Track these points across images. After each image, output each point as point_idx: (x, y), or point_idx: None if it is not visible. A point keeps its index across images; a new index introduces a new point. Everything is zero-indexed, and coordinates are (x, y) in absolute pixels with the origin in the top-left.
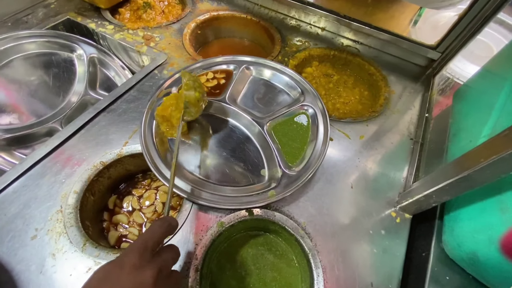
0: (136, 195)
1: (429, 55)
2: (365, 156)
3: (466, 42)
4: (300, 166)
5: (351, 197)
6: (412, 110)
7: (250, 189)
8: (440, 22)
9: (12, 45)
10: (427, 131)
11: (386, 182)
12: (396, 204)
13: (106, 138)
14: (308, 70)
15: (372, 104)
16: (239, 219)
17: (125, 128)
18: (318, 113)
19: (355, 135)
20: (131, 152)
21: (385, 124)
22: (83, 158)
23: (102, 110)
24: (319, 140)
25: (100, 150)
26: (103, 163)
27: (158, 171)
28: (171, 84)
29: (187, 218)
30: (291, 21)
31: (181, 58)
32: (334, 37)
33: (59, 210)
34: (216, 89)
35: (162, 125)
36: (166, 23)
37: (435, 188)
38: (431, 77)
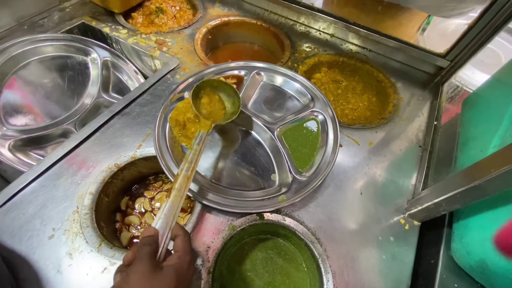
0: (148, 197)
1: (438, 63)
2: (374, 163)
3: (475, 51)
4: (310, 172)
5: (360, 203)
6: (420, 118)
7: (261, 194)
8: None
9: (29, 47)
10: (435, 139)
11: (395, 189)
12: (405, 211)
13: (120, 141)
14: (317, 76)
15: (380, 111)
16: (250, 222)
17: (138, 131)
18: (328, 119)
19: (364, 142)
20: (145, 155)
21: (394, 131)
22: (98, 160)
23: (117, 113)
24: (329, 146)
25: (114, 153)
26: (117, 165)
27: (171, 174)
28: (183, 88)
29: (199, 220)
30: (301, 27)
31: (193, 63)
32: (343, 44)
33: (75, 210)
34: None
35: (175, 129)
36: (178, 28)
37: (445, 196)
38: (440, 85)
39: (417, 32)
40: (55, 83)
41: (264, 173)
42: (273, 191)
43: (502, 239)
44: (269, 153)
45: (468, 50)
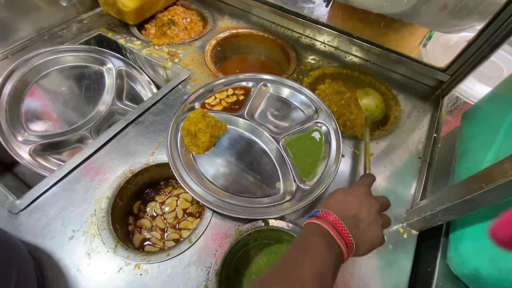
0: (159, 201)
1: (439, 77)
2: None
3: (475, 66)
4: (313, 181)
5: None
6: (421, 130)
7: (267, 201)
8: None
9: (51, 58)
10: (435, 151)
11: (395, 199)
12: (403, 220)
13: (135, 148)
14: (321, 87)
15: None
16: (256, 228)
17: (152, 139)
18: (331, 130)
19: None
20: (157, 162)
21: (394, 142)
22: (114, 166)
23: (131, 122)
24: (332, 157)
25: (129, 159)
26: (132, 172)
27: (182, 180)
28: (194, 99)
29: (208, 225)
30: (306, 39)
31: (203, 74)
32: (346, 56)
33: (93, 213)
34: (235, 105)
35: (186, 139)
36: (189, 40)
37: (441, 207)
38: (440, 98)
39: (420, 45)
40: (72, 91)
41: (269, 181)
42: (278, 199)
43: (497, 231)
44: (274, 162)
45: (468, 65)
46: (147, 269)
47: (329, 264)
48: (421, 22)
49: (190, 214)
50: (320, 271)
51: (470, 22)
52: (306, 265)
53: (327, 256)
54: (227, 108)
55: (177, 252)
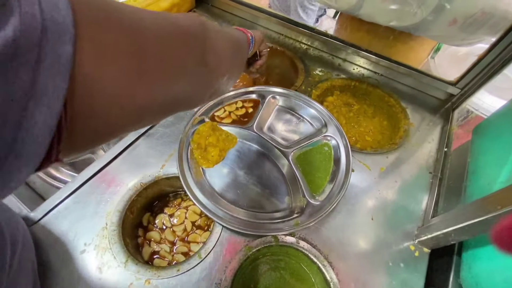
0: (168, 213)
1: (449, 90)
2: (385, 188)
3: (487, 80)
4: (323, 196)
5: (371, 228)
6: (431, 144)
7: (276, 216)
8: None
9: None
10: (446, 166)
11: (405, 215)
12: (415, 237)
13: (145, 161)
14: (329, 99)
15: (391, 135)
16: (265, 244)
17: (162, 151)
18: (340, 144)
19: (375, 167)
20: (167, 175)
21: (404, 156)
22: (125, 179)
23: (142, 134)
24: (341, 172)
25: (140, 172)
26: (142, 185)
27: (192, 194)
28: (204, 112)
29: (218, 240)
30: (314, 51)
31: None
32: (355, 68)
33: (104, 227)
34: (244, 117)
35: (196, 152)
36: None
37: (453, 228)
38: (450, 111)
39: (428, 56)
40: None
41: (279, 196)
42: (288, 214)
43: (499, 234)
44: (284, 176)
45: (479, 79)
46: (157, 284)
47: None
48: (430, 36)
49: (199, 227)
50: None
51: (480, 36)
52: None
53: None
54: (236, 120)
55: (187, 267)
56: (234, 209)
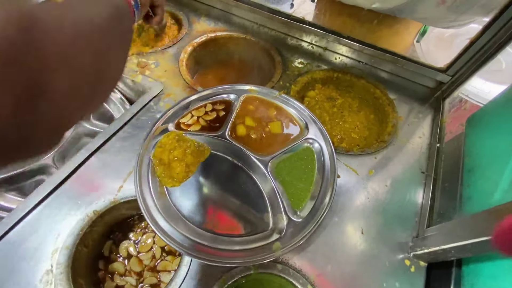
0: (133, 239)
1: (438, 78)
2: (375, 194)
3: (480, 66)
4: (306, 211)
5: (362, 244)
6: (421, 139)
7: (253, 240)
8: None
9: None
10: (439, 164)
11: (398, 224)
12: (410, 250)
13: (99, 183)
14: (311, 94)
15: (379, 130)
16: (243, 273)
17: (119, 170)
18: (324, 148)
19: (363, 170)
20: (126, 198)
21: (394, 156)
22: (75, 208)
23: (95, 151)
24: (326, 179)
25: (93, 197)
26: (96, 213)
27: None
28: (167, 119)
29: (187, 274)
30: (292, 40)
31: (178, 87)
32: (337, 58)
33: (49, 270)
34: (215, 123)
35: (158, 169)
36: (162, 47)
37: (453, 245)
38: (441, 100)
39: (413, 40)
40: None
41: (256, 214)
42: (267, 236)
43: (500, 236)
44: (262, 190)
45: (471, 65)
46: None
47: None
48: (417, 18)
49: (169, 252)
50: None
51: (471, 16)
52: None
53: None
54: (206, 127)
55: None
56: (204, 236)
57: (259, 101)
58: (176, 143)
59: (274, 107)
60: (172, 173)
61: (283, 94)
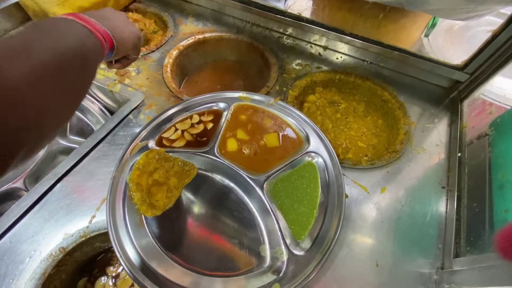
0: (111, 275)
1: (455, 77)
2: (390, 217)
3: (504, 63)
4: (310, 241)
5: (377, 280)
6: (439, 147)
7: (247, 280)
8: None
9: None
10: (462, 178)
11: (420, 252)
12: (435, 285)
13: (68, 213)
14: (311, 98)
15: (389, 137)
16: None
17: (92, 196)
18: (327, 162)
19: (374, 187)
20: (100, 230)
21: (409, 168)
22: (37, 245)
23: (63, 176)
24: (332, 201)
25: (59, 231)
26: (63, 250)
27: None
28: (147, 135)
29: None
30: (288, 40)
31: (161, 96)
32: (338, 57)
33: None
34: (202, 137)
35: (136, 195)
36: (144, 52)
37: None
38: (458, 102)
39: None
40: None
41: (251, 246)
42: (263, 274)
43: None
44: (257, 217)
45: (494, 61)
46: None
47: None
48: (429, 10)
49: None
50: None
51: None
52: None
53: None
54: (192, 142)
55: None
56: (188, 276)
57: (252, 110)
58: (157, 164)
59: (270, 116)
60: (151, 200)
61: (280, 101)
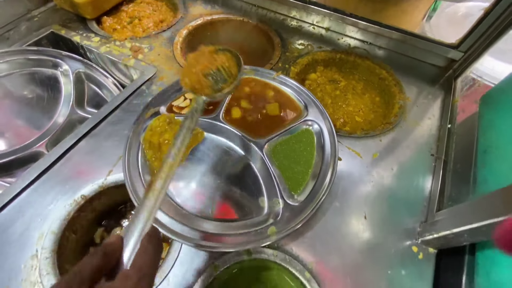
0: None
1: (450, 55)
2: (380, 178)
3: (494, 40)
4: (305, 195)
5: (365, 230)
6: (431, 120)
7: (247, 225)
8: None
9: None
10: (450, 146)
11: (405, 209)
12: (417, 236)
13: (88, 167)
14: (312, 76)
15: (385, 112)
16: (235, 260)
17: (109, 154)
18: (324, 129)
19: (367, 153)
20: (116, 183)
21: (401, 138)
22: (63, 192)
23: (84, 136)
24: (326, 162)
25: (81, 182)
26: (84, 197)
27: None
28: (159, 102)
29: (176, 260)
30: (292, 22)
31: (172, 70)
32: (340, 38)
33: (34, 255)
34: (209, 105)
35: (148, 153)
36: (156, 31)
37: (467, 227)
38: (452, 80)
39: (423, 19)
40: (22, 101)
41: (251, 198)
42: (262, 221)
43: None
44: (257, 174)
45: (485, 39)
46: None
47: None
48: None
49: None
50: None
51: None
52: None
53: None
54: None
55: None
56: (195, 221)
57: (255, 83)
58: (167, 126)
59: (272, 88)
60: (162, 156)
61: (281, 75)
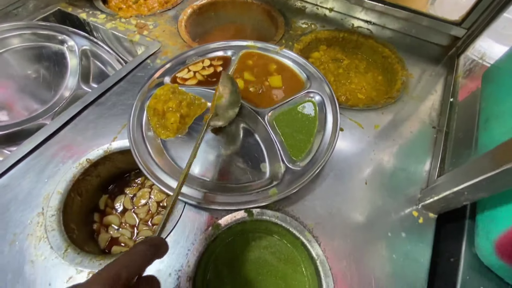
0: (129, 194)
1: (453, 32)
2: (381, 148)
3: (496, 15)
4: (306, 161)
5: (365, 194)
6: (433, 95)
7: (249, 187)
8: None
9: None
10: (452, 118)
11: (406, 177)
12: (418, 202)
13: (94, 133)
14: (315, 55)
15: (387, 90)
16: (237, 220)
17: (114, 122)
18: (326, 100)
19: (369, 124)
20: (120, 148)
21: (403, 111)
22: (69, 155)
23: (90, 104)
24: (328, 131)
25: (87, 147)
26: (89, 161)
27: (147, 170)
28: (163, 73)
29: (178, 220)
30: (296, 2)
31: (176, 45)
32: (343, 18)
33: (40, 212)
34: (213, 77)
35: (153, 120)
36: (161, 10)
37: (467, 184)
38: (455, 58)
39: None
40: (30, 75)
41: (253, 164)
42: (264, 184)
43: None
44: (259, 141)
45: (487, 15)
46: None
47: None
48: None
49: (165, 207)
50: None
51: None
52: None
53: None
54: (203, 81)
55: None
56: (198, 182)
57: (258, 57)
58: (171, 95)
59: (274, 62)
60: (166, 123)
61: (284, 49)
